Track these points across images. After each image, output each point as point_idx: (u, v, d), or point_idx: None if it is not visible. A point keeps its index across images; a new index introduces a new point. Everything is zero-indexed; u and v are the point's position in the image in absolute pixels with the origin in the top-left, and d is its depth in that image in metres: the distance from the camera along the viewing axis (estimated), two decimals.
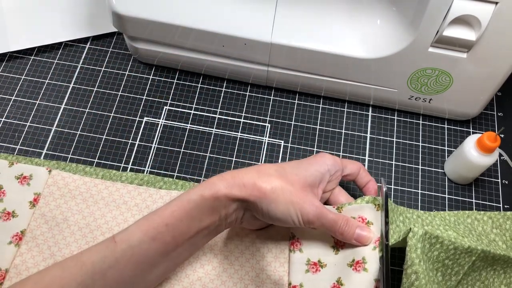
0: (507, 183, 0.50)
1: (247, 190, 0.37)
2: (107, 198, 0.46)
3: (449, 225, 0.43)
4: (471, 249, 0.39)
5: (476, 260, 0.40)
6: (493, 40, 0.42)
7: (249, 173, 0.38)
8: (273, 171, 0.39)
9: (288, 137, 0.53)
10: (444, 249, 0.38)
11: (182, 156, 0.51)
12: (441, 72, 0.47)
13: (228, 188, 0.37)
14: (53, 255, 0.43)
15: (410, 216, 0.42)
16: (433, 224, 0.42)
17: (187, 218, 0.37)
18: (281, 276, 0.42)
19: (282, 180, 0.38)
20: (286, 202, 0.38)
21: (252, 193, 0.37)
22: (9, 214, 0.45)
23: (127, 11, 0.48)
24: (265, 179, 0.38)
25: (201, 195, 0.37)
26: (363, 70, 0.49)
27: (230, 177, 0.38)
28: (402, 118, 0.54)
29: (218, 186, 0.37)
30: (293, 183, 0.38)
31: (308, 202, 0.38)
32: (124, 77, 0.56)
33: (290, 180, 0.39)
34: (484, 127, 0.54)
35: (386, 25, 0.47)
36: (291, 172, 0.39)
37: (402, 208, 0.43)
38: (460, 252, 0.39)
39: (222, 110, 0.54)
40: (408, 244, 0.37)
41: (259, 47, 0.49)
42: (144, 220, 0.37)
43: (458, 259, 0.39)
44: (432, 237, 0.38)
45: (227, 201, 0.38)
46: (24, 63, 0.56)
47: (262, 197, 0.37)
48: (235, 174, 0.38)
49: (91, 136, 0.52)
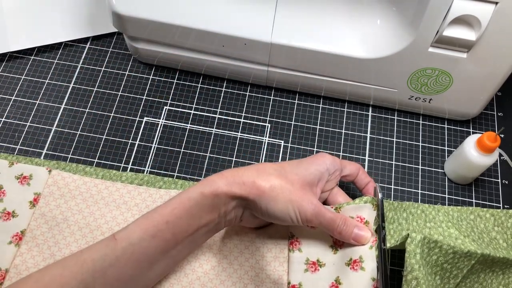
0: (507, 183, 0.50)
1: (247, 188, 0.38)
2: (107, 198, 0.46)
3: (452, 221, 0.42)
4: (471, 253, 0.39)
5: (475, 264, 0.39)
6: (493, 40, 0.42)
7: (249, 172, 0.39)
8: (273, 170, 0.39)
9: (288, 137, 0.53)
10: (443, 254, 0.38)
11: (182, 156, 0.51)
12: (441, 72, 0.47)
13: (227, 186, 0.38)
14: (53, 255, 0.43)
15: (415, 212, 0.43)
16: (435, 221, 0.42)
17: (187, 216, 0.37)
18: (281, 276, 0.42)
19: (281, 179, 0.38)
20: (285, 201, 0.38)
21: (252, 191, 0.38)
22: (9, 214, 0.45)
23: (127, 11, 0.48)
24: (264, 178, 0.38)
25: (201, 193, 0.37)
26: (363, 70, 0.49)
27: (230, 175, 0.38)
28: (402, 118, 0.54)
29: (218, 184, 0.38)
30: (293, 182, 0.39)
31: (306, 201, 0.38)
32: (124, 77, 0.56)
33: (290, 179, 0.39)
34: (484, 127, 0.54)
35: (386, 25, 0.47)
36: (291, 171, 0.39)
37: (407, 203, 0.43)
38: (459, 256, 0.39)
39: (222, 110, 0.54)
40: (407, 250, 0.37)
41: (259, 47, 0.49)
42: (144, 218, 0.38)
43: (457, 263, 0.39)
44: (431, 241, 0.38)
45: (227, 198, 0.38)
46: (24, 63, 0.56)
47: (261, 195, 0.38)
48: (234, 173, 0.39)
49: (91, 136, 0.52)
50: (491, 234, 0.43)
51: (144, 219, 0.38)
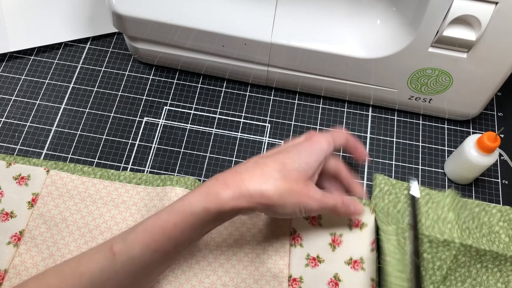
0: (507, 183, 0.50)
1: (254, 200, 0.36)
2: (105, 197, 0.46)
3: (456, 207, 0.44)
4: (448, 242, 0.40)
5: (458, 255, 0.41)
6: (493, 40, 0.42)
7: (253, 177, 0.37)
8: (277, 172, 0.38)
9: (288, 137, 0.53)
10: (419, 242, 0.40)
11: (182, 156, 0.51)
12: (441, 72, 0.47)
13: (234, 200, 0.36)
14: (52, 255, 0.43)
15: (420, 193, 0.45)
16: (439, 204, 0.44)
17: (190, 230, 0.36)
18: (281, 269, 0.43)
19: (286, 181, 0.37)
20: (293, 204, 0.38)
21: (260, 203, 0.37)
22: (7, 215, 0.45)
23: (127, 11, 0.48)
24: (271, 185, 0.37)
25: (206, 209, 0.36)
26: (363, 70, 0.49)
27: (235, 184, 0.37)
28: (402, 118, 0.54)
29: (223, 198, 0.36)
30: (297, 181, 0.38)
31: (311, 198, 0.38)
32: (124, 77, 0.56)
33: (294, 179, 0.38)
34: (484, 127, 0.54)
35: (386, 25, 0.47)
36: (293, 168, 0.38)
37: None
38: (436, 245, 0.40)
39: (222, 110, 0.54)
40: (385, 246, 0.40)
41: (259, 47, 0.49)
42: (144, 230, 0.36)
43: (436, 253, 0.41)
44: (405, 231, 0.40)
45: (233, 212, 0.37)
46: (24, 63, 0.56)
47: (270, 204, 0.37)
48: (237, 179, 0.37)
49: (91, 136, 0.52)
50: (494, 228, 0.44)
51: (144, 231, 0.36)
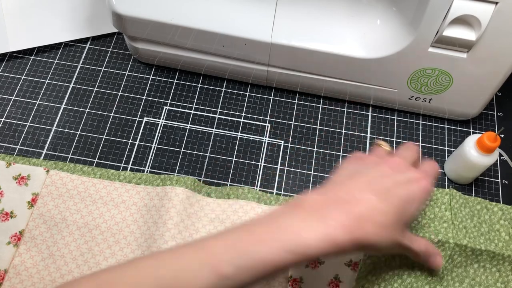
0: (507, 183, 0.50)
1: (361, 250, 0.34)
2: (105, 197, 0.46)
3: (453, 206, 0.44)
4: (442, 243, 0.40)
5: (453, 255, 0.41)
6: (493, 40, 0.42)
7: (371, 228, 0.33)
8: (390, 223, 0.34)
9: (288, 137, 0.53)
10: None
11: (182, 156, 0.51)
12: (441, 72, 0.47)
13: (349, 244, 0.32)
14: (52, 255, 0.43)
15: None
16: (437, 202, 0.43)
17: None
18: None
19: (396, 232, 0.35)
20: (390, 248, 0.36)
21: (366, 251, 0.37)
22: (7, 215, 0.45)
23: (127, 11, 0.48)
24: (384, 240, 0.34)
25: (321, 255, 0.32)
26: (363, 70, 0.49)
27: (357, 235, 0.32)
28: (402, 118, 0.54)
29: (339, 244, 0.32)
30: (403, 230, 0.36)
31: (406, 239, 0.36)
32: (124, 77, 0.56)
33: (400, 227, 0.35)
34: (484, 127, 0.54)
35: (386, 25, 0.47)
36: (401, 219, 0.35)
37: None
38: None
39: (222, 110, 0.54)
40: None
41: (259, 47, 0.49)
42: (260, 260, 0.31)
43: None
44: None
45: None
46: (24, 63, 0.56)
47: (377, 251, 0.37)
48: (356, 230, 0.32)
49: (91, 136, 0.52)
50: (494, 226, 0.44)
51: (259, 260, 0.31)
